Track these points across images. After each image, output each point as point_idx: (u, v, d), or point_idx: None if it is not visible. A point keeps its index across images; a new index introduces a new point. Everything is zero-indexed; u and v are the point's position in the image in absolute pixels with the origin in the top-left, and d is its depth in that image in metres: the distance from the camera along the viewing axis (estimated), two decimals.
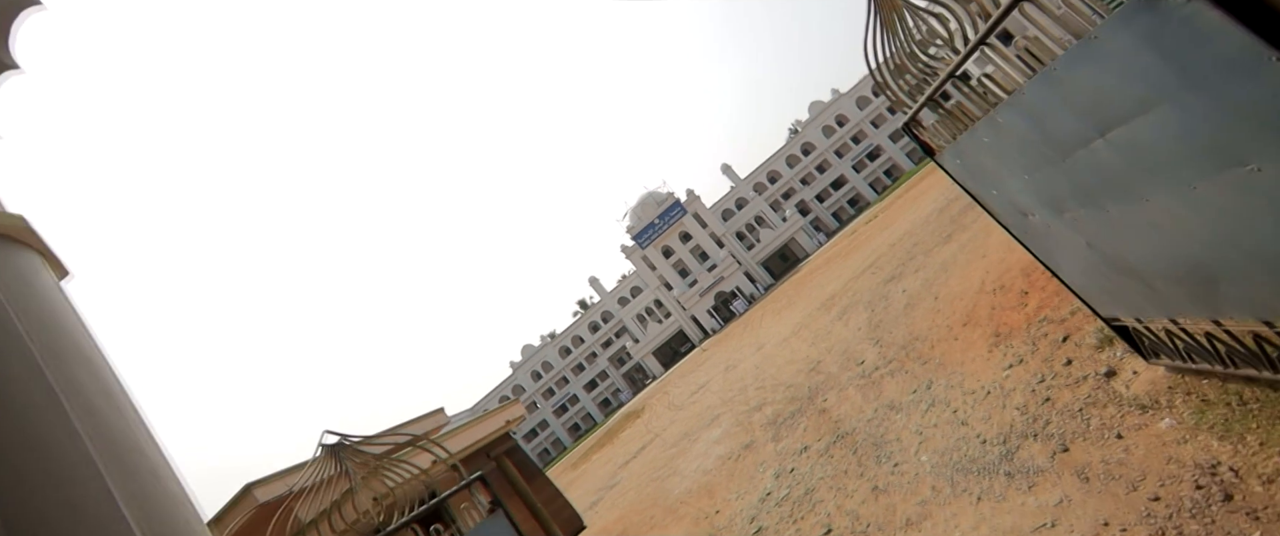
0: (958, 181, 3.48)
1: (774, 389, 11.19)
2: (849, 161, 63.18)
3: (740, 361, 19.87)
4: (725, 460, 9.26)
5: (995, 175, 3.02)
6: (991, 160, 2.94)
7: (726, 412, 12.69)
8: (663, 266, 58.58)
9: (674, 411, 21.31)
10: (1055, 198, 2.70)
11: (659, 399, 31.63)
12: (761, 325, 26.72)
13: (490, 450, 9.40)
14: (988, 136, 2.83)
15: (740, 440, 9.52)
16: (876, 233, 26.16)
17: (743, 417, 10.91)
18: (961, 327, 6.68)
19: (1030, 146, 2.58)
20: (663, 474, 11.66)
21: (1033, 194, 2.83)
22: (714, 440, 10.99)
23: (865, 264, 18.37)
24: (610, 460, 22.27)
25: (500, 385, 72.57)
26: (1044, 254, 3.23)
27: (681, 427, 15.84)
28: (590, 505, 15.29)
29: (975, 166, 3.15)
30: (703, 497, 8.34)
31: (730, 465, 8.94)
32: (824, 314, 15.17)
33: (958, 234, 11.54)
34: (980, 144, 2.94)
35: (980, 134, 2.88)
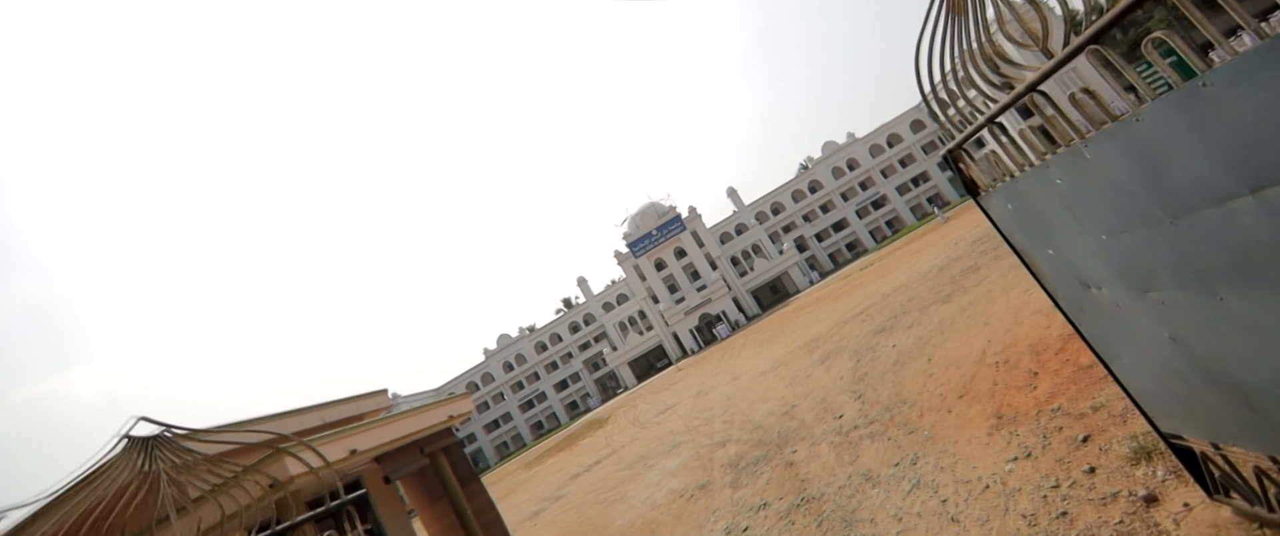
0: (1002, 231, 2.81)
1: (742, 426, 10.43)
2: (853, 206, 63.18)
3: (713, 388, 19.11)
4: (677, 497, 8.47)
5: (1058, 229, 2.34)
6: (1059, 209, 2.27)
7: (688, 442, 11.90)
8: (653, 278, 57.87)
9: (637, 428, 20.44)
10: (1143, 271, 2.02)
11: (626, 412, 30.70)
12: (741, 354, 26.01)
13: (426, 445, 8.51)
14: (1064, 175, 2.15)
15: (696, 477, 8.74)
16: (871, 280, 25.66)
17: (704, 452, 10.13)
18: (957, 399, 5.99)
19: (1126, 196, 1.91)
20: (610, 498, 10.81)
21: (1109, 261, 2.15)
22: (670, 470, 10.19)
23: (856, 310, 17.77)
24: (564, 468, 21.30)
25: (470, 370, 71.03)
26: (1098, 338, 2.55)
27: (641, 448, 15.00)
28: (531, 515, 14.35)
29: (1033, 215, 2.47)
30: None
31: (681, 504, 8.15)
32: (806, 355, 14.49)
33: (958, 295, 10.94)
34: (1049, 185, 2.26)
35: (1054, 172, 2.20)
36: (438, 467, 8.68)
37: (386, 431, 7.11)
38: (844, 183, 63.72)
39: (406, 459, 7.89)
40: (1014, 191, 2.53)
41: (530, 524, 13.02)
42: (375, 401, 9.19)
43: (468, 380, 70.99)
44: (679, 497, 8.34)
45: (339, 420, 8.34)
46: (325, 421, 8.23)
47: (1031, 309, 7.65)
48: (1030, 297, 8.18)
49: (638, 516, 8.42)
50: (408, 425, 7.40)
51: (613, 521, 8.92)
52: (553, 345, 69.73)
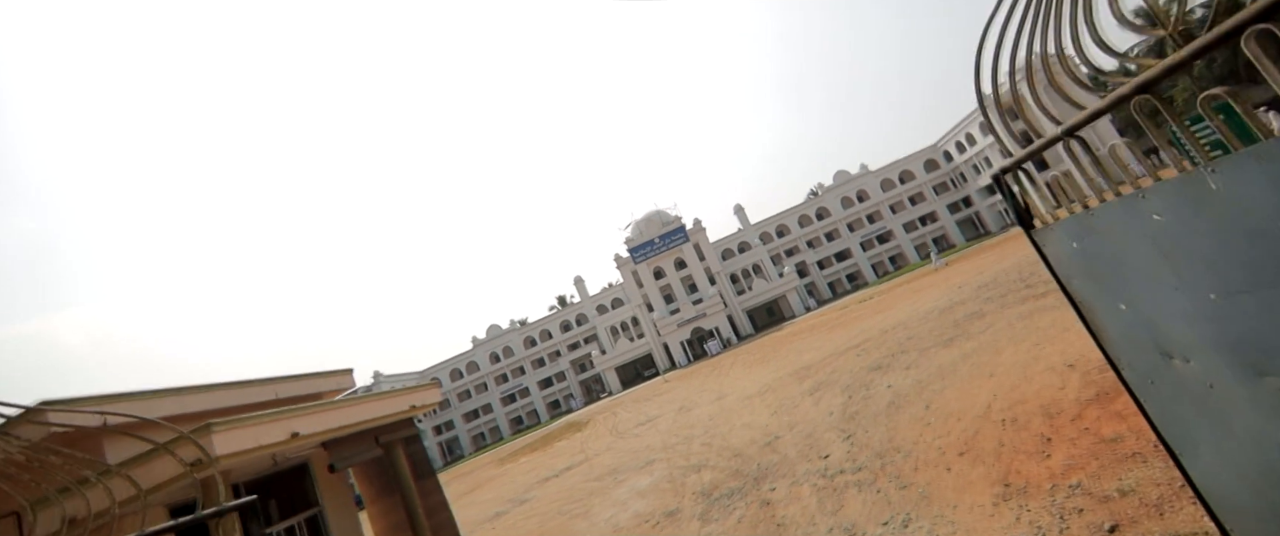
0: (1058, 275, 2.30)
1: (721, 452, 9.86)
2: (858, 237, 62.81)
3: (697, 406, 18.52)
4: (642, 521, 7.90)
5: (1143, 279, 1.84)
6: (1150, 253, 1.76)
7: (663, 460, 11.31)
8: (650, 286, 57.33)
9: (614, 437, 19.81)
10: (1265, 346, 1.51)
11: (606, 418, 30.04)
12: (729, 373, 25.41)
13: (383, 434, 7.95)
14: (1168, 209, 1.65)
15: (666, 503, 8.17)
16: (870, 314, 25.12)
17: (678, 474, 9.55)
18: (957, 457, 5.45)
19: (1265, 245, 1.40)
20: (574, 511, 10.21)
21: (1213, 328, 1.65)
22: (639, 489, 9.61)
23: (852, 342, 17.23)
24: (535, 469, 20.65)
25: (456, 357, 70.31)
26: (1171, 422, 2.04)
27: (614, 460, 14.40)
28: (493, 516, 13.73)
29: (1107, 257, 1.97)
30: None
31: (645, 531, 7.58)
32: (796, 383, 13.93)
33: (960, 341, 10.42)
34: (1141, 221, 1.76)
35: (1152, 204, 1.70)
36: (393, 460, 8.11)
37: (336, 416, 6.56)
38: (851, 213, 63.39)
39: (358, 447, 7.33)
40: (1084, 226, 2.03)
41: (489, 526, 12.40)
42: (336, 381, 8.63)
43: (453, 366, 70.21)
44: (644, 522, 7.77)
45: (292, 397, 7.79)
46: (278, 396, 7.68)
47: (1043, 365, 7.12)
48: (1042, 352, 7.66)
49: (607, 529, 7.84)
50: (362, 411, 6.84)
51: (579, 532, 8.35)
52: (542, 341, 69.04)
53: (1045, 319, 9.35)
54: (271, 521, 7.04)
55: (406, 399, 7.77)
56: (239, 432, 5.27)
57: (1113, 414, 4.81)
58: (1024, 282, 14.05)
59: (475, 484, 25.02)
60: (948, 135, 61.30)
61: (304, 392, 7.81)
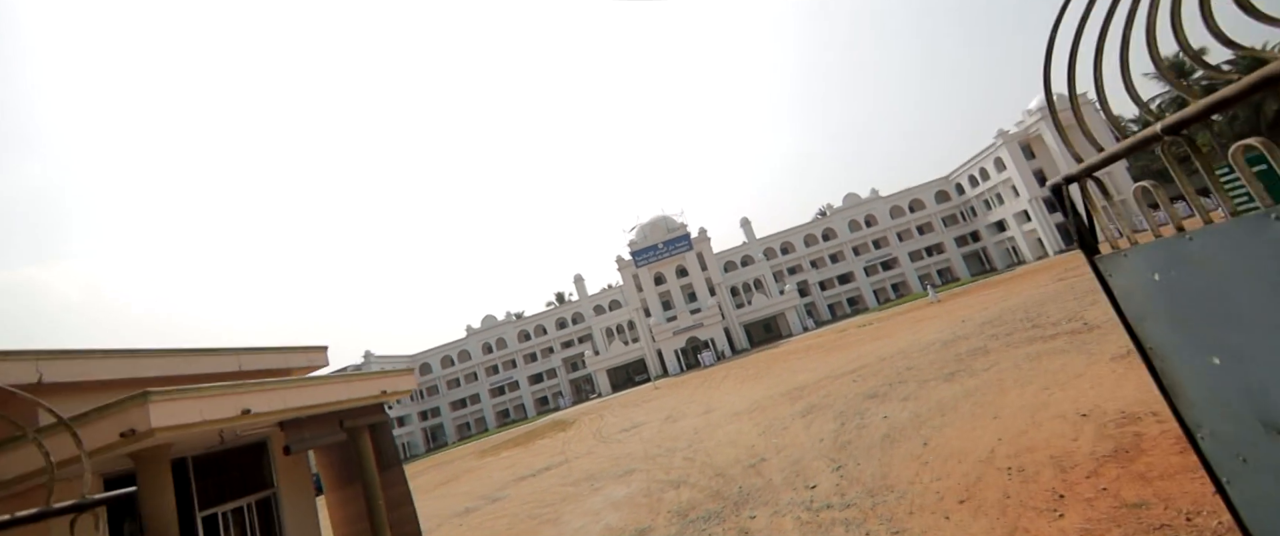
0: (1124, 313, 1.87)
1: (703, 469, 9.40)
2: (863, 262, 62.31)
3: (683, 417, 18.04)
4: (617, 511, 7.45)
5: (1254, 328, 1.42)
6: (1271, 295, 1.34)
7: (643, 471, 10.85)
8: (650, 291, 56.88)
9: (597, 441, 19.34)
10: None
11: (592, 420, 29.55)
12: (720, 387, 24.92)
13: (348, 418, 7.52)
14: None
15: (639, 518, 7.71)
16: (868, 340, 24.62)
17: (655, 488, 9.09)
18: (957, 504, 5.00)
19: None
20: (545, 516, 9.75)
21: None
22: (614, 500, 9.15)
23: (848, 367, 16.75)
24: (514, 465, 20.17)
25: (448, 344, 69.94)
26: (1262, 513, 1.61)
27: (593, 465, 13.93)
28: (463, 511, 13.26)
29: (1202, 296, 1.55)
30: None
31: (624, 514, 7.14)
32: (787, 403, 13.46)
33: (963, 376, 9.96)
34: (1268, 250, 1.34)
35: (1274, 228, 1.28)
36: (358, 446, 7.68)
37: (297, 395, 6.13)
38: (858, 237, 62.95)
39: (320, 430, 6.90)
40: (1174, 254, 1.61)
41: (458, 522, 11.93)
42: (308, 357, 8.22)
43: (445, 353, 69.82)
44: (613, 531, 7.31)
45: (257, 371, 7.39)
46: (241, 368, 7.27)
47: (1053, 412, 6.67)
48: (1052, 397, 7.20)
49: None
50: (326, 392, 6.42)
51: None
52: (536, 336, 68.62)
53: (1054, 362, 8.89)
54: (217, 501, 6.61)
55: (378, 383, 7.35)
56: (181, 404, 4.85)
57: (1135, 475, 4.36)
58: (1031, 322, 13.57)
59: (452, 474, 24.54)
60: (961, 168, 60.90)
61: (271, 367, 7.41)
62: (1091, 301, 13.65)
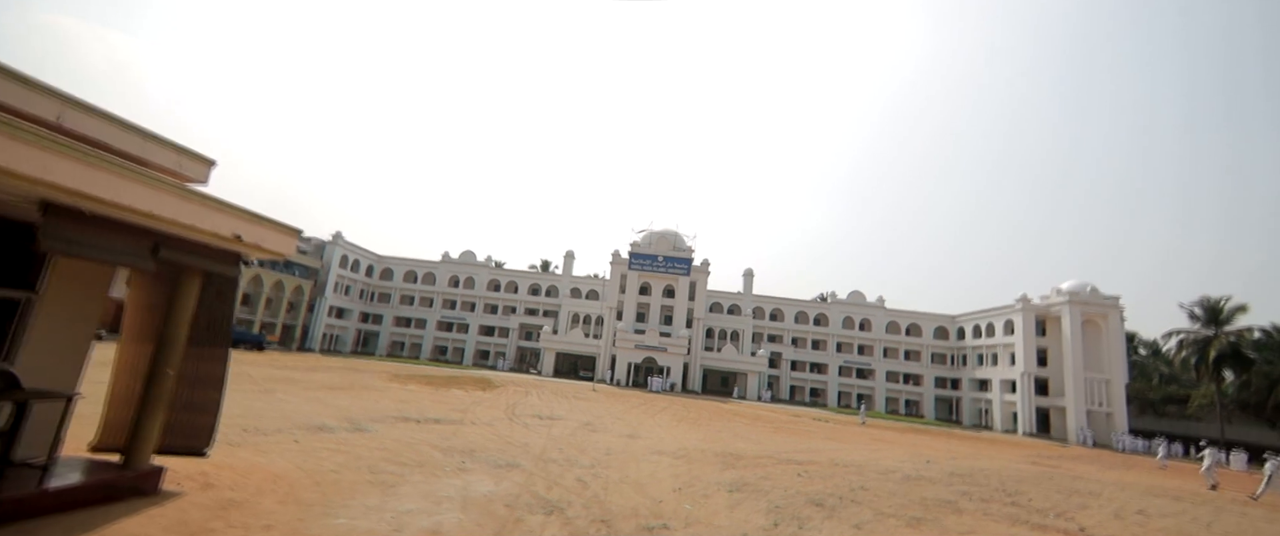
0: None
1: (589, 505, 7.56)
2: (841, 360, 60.91)
3: (605, 431, 16.18)
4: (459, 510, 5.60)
5: None
6: None
7: (525, 473, 8.99)
8: (631, 297, 55.08)
9: (505, 416, 17.40)
10: None
11: (516, 393, 27.55)
12: (656, 417, 23.05)
13: (169, 247, 5.46)
14: None
15: (491, 524, 5.86)
16: (821, 436, 22.87)
17: (522, 503, 7.24)
18: None
19: None
20: (383, 476, 7.85)
21: None
22: (471, 496, 7.28)
23: (795, 455, 14.97)
24: (409, 403, 18.17)
25: (418, 261, 67.78)
26: None
27: (481, 440, 12.03)
28: (309, 428, 11.28)
29: None
30: None
31: (462, 518, 5.30)
32: (717, 467, 11.64)
33: (928, 527, 8.21)
34: None
35: None
36: (174, 291, 5.79)
37: (71, 169, 4.07)
38: (846, 335, 61.66)
39: (111, 241, 4.90)
40: None
41: (289, 439, 9.96)
42: (177, 160, 6.27)
43: (411, 268, 67.59)
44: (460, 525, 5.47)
45: (89, 138, 5.41)
46: (60, 122, 5.28)
47: None
48: None
49: (388, 528, 5.50)
50: (131, 191, 4.47)
51: (351, 510, 5.99)
52: (505, 291, 66.56)
53: None
54: None
55: (232, 221, 5.47)
56: None
57: None
58: (1009, 497, 11.88)
59: (347, 385, 22.45)
60: (969, 315, 59.94)
61: (112, 143, 5.49)
62: (1081, 503, 11.99)
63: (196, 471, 6.45)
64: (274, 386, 18.87)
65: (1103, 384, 48.20)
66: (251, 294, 53.93)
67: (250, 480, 6.45)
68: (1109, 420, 47.02)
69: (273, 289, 55.24)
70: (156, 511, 4.99)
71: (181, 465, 6.48)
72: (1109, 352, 48.89)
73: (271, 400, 14.90)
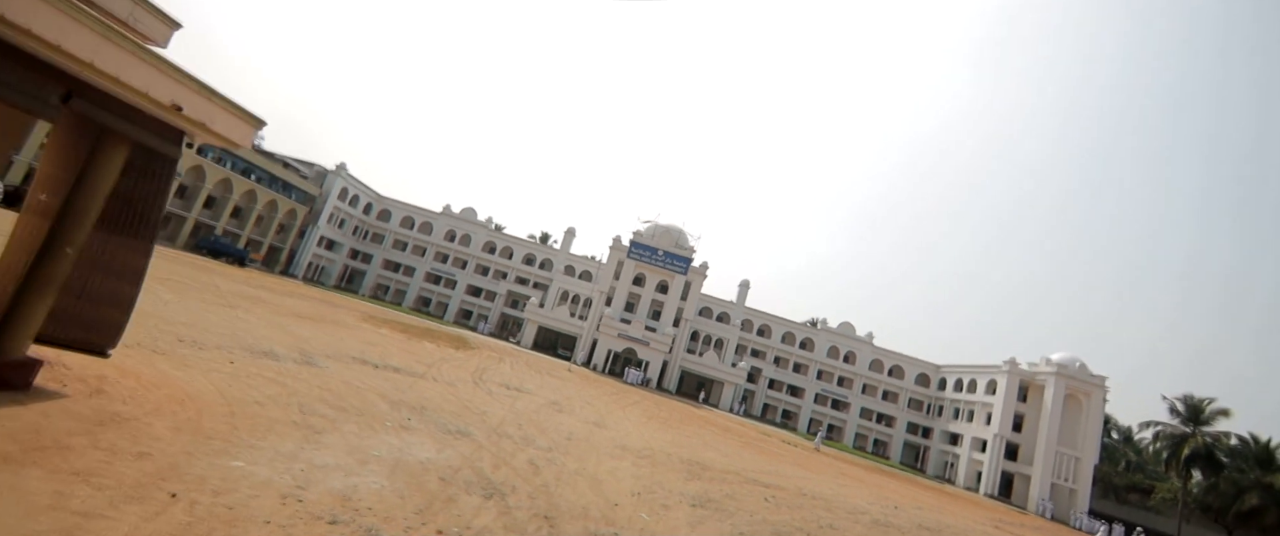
0: None
1: (535, 497, 6.74)
2: (819, 388, 60.49)
3: (571, 412, 15.38)
4: (340, 504, 4.76)
5: None
6: None
7: (473, 445, 8.16)
8: (623, 286, 54.21)
9: (470, 379, 16.57)
10: None
11: (488, 358, 26.73)
12: (626, 409, 22.31)
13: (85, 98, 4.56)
14: None
15: (403, 504, 5.03)
16: (790, 461, 22.21)
17: (462, 480, 6.41)
18: None
19: None
20: (317, 419, 7.00)
21: None
22: (405, 460, 6.44)
23: (763, 477, 14.23)
24: (375, 348, 17.29)
25: (420, 209, 66.57)
26: None
27: (437, 398, 11.19)
28: (259, 352, 10.40)
29: None
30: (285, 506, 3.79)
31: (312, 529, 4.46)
32: (682, 476, 10.86)
33: None
34: None
35: None
36: (92, 158, 4.85)
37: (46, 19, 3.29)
38: (829, 364, 61.18)
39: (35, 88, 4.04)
40: None
41: (223, 360, 9.08)
42: (133, 14, 5.33)
43: (410, 214, 66.40)
44: (342, 508, 4.61)
45: None
46: None
47: None
48: None
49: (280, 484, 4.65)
50: (38, 17, 3.54)
51: (257, 453, 5.14)
52: (499, 255, 65.58)
53: None
54: None
55: (174, 89, 4.52)
56: None
57: None
58: None
59: (315, 317, 21.54)
60: (953, 368, 59.56)
61: None
62: None
63: (93, 374, 5.56)
64: (239, 303, 17.95)
65: (1073, 460, 47.93)
66: (242, 208, 52.69)
67: (153, 395, 5.56)
68: (1072, 496, 46.79)
69: (265, 207, 54.01)
70: (9, 412, 4.10)
71: (80, 365, 5.59)
72: (1085, 431, 48.58)
73: (227, 315, 13.98)
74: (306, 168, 61.17)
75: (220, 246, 45.69)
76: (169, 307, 12.00)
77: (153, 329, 8.87)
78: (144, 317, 9.38)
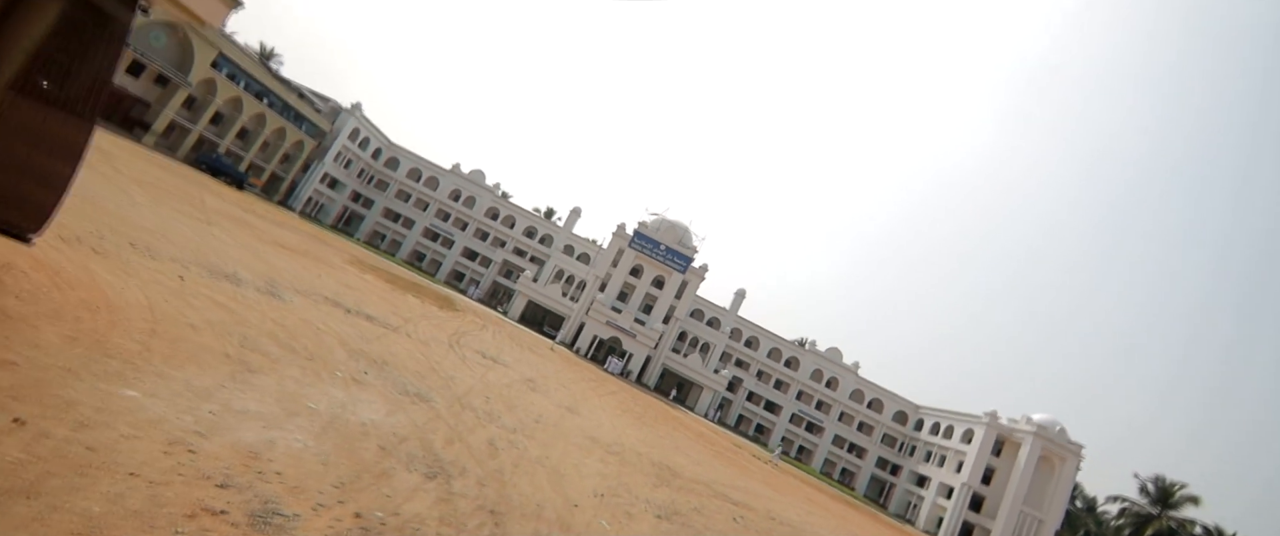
0: None
1: (485, 480, 6.01)
2: (796, 407, 60.05)
3: (545, 392, 14.68)
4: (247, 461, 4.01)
5: None
6: None
7: (431, 412, 7.42)
8: (620, 274, 53.43)
9: (447, 341, 15.83)
10: None
11: (471, 323, 25.99)
12: (602, 398, 21.64)
13: None
14: None
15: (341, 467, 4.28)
16: (759, 479, 21.62)
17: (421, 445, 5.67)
18: None
19: None
20: (260, 357, 6.25)
21: None
22: (359, 421, 5.71)
23: (733, 493, 13.58)
24: (353, 293, 16.51)
25: (429, 163, 65.41)
26: None
27: (402, 355, 10.43)
28: (220, 274, 9.60)
29: None
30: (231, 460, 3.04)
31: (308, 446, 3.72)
32: (651, 482, 10.17)
33: None
34: None
35: None
36: (14, 9, 4.02)
37: None
38: (810, 386, 60.70)
39: None
40: None
41: (176, 272, 8.28)
42: None
43: (417, 166, 65.26)
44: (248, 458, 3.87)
45: None
46: None
47: None
48: None
49: (176, 427, 3.89)
50: None
51: (163, 385, 4.38)
52: (501, 222, 64.65)
53: None
54: None
55: None
56: None
57: None
58: None
59: (299, 250, 20.71)
60: (933, 410, 59.20)
61: None
62: None
63: (1, 261, 4.75)
64: (220, 221, 17.09)
65: (1036, 522, 47.72)
66: (250, 130, 51.50)
67: (62, 297, 4.77)
68: None
69: (273, 134, 52.84)
70: None
71: None
72: (1053, 495, 48.34)
73: (200, 231, 13.15)
74: (321, 102, 59.88)
75: (221, 165, 44.55)
76: (136, 210, 11.17)
77: (105, 227, 8.05)
78: (101, 214, 8.57)
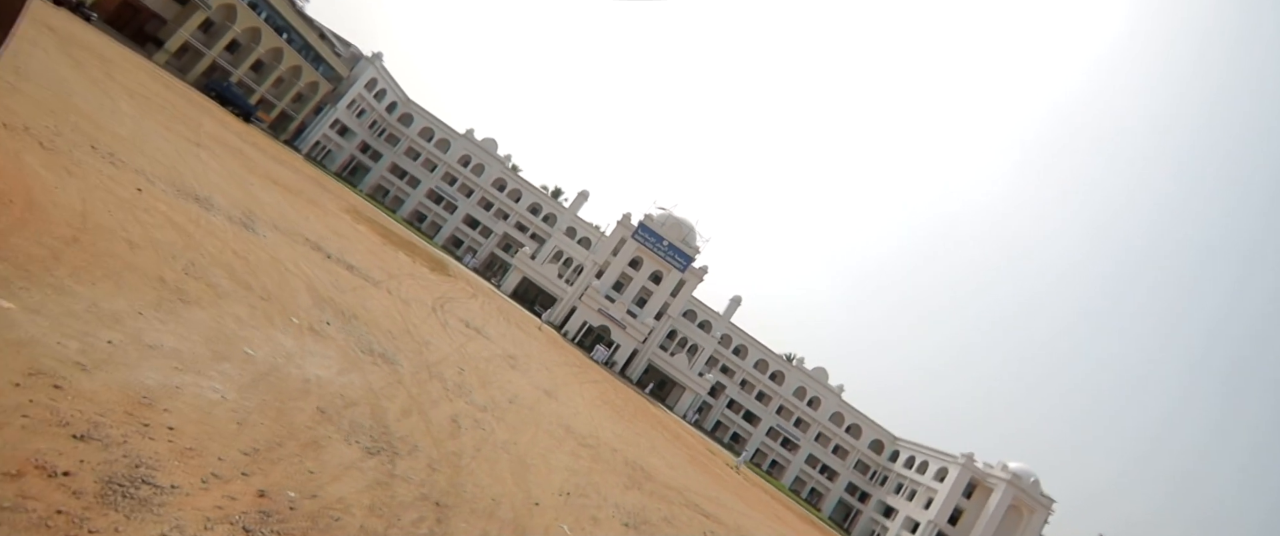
0: None
1: (440, 463, 5.35)
2: (775, 421, 59.66)
3: (525, 370, 14.01)
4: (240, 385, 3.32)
5: None
6: None
7: (398, 375, 6.73)
8: (618, 263, 52.68)
9: (425, 305, 15.12)
10: None
11: (460, 290, 25.28)
12: (584, 386, 21.01)
13: None
14: None
15: (260, 429, 3.60)
16: (731, 489, 21.07)
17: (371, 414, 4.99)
18: None
19: None
20: (206, 286, 5.54)
21: None
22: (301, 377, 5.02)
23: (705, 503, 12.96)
24: (344, 242, 15.77)
25: (443, 124, 64.33)
26: None
27: (379, 315, 9.73)
28: (166, 185, 8.84)
29: None
30: None
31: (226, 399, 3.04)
32: (622, 483, 9.53)
33: None
34: None
35: None
36: None
37: None
38: (792, 402, 60.28)
39: None
40: None
41: (135, 183, 7.52)
42: None
43: (431, 126, 64.18)
44: (135, 405, 3.19)
45: None
46: None
47: None
48: None
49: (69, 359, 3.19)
50: None
51: (75, 307, 3.68)
52: (506, 195, 63.74)
53: None
54: None
55: None
56: None
57: None
58: None
59: (292, 190, 19.91)
60: (909, 444, 58.91)
61: None
62: None
63: None
64: (213, 145, 16.28)
65: None
66: (265, 64, 50.28)
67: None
68: None
69: (288, 71, 51.66)
70: None
71: None
72: None
73: (183, 149, 12.36)
74: (343, 46, 58.69)
75: (230, 94, 43.46)
76: (116, 118, 10.37)
77: (67, 124, 7.29)
78: (69, 111, 7.80)
